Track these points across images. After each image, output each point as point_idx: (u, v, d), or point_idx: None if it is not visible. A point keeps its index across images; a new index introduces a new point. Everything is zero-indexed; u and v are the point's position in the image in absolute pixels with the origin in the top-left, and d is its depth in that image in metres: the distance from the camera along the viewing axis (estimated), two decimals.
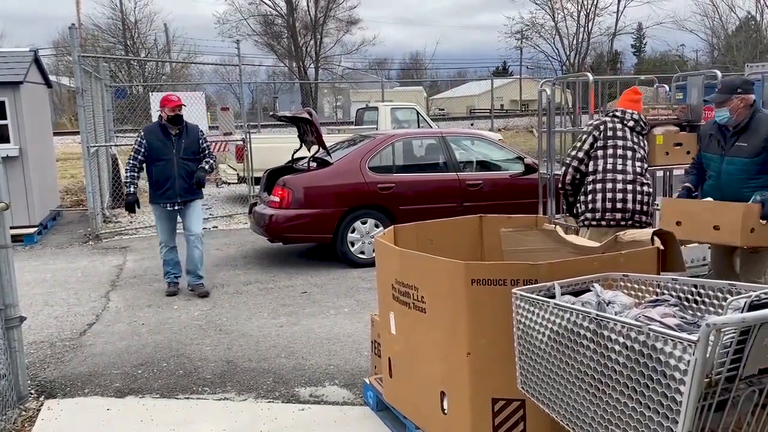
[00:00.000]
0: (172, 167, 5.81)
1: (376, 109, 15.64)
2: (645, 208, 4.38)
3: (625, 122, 4.46)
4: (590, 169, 4.44)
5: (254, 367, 4.34)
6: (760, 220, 3.70)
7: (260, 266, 7.15)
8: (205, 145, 6.05)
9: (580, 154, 4.48)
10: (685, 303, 2.27)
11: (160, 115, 5.98)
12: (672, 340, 1.73)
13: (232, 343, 4.79)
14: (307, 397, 3.85)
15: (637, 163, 4.40)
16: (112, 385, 4.14)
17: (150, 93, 14.26)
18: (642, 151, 4.49)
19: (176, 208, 5.94)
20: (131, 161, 5.89)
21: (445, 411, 2.87)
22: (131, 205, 6.01)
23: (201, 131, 6.10)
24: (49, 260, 7.74)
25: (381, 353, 3.46)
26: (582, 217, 4.50)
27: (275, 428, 3.45)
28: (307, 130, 7.30)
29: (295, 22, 38.68)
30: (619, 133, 4.41)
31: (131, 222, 10.12)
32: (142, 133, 5.98)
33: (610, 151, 4.39)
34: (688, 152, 5.34)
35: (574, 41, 38.33)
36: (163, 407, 3.80)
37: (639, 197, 4.35)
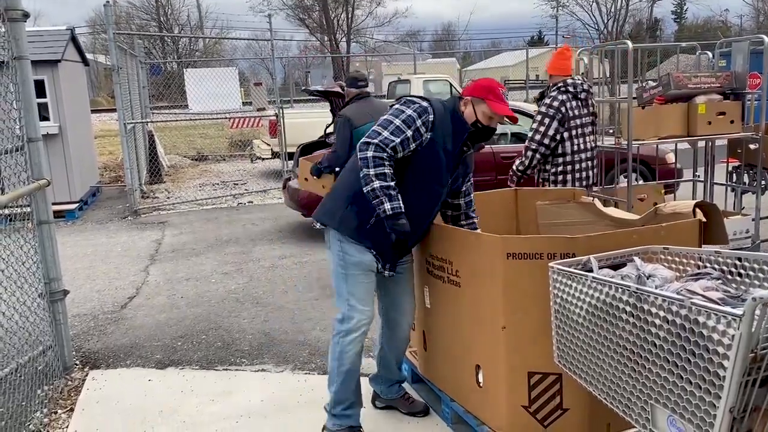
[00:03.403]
0: None
1: (408, 82, 15.55)
2: (596, 177, 4.88)
3: (579, 97, 4.57)
4: (558, 151, 4.56)
5: (290, 339, 4.41)
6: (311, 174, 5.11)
7: (295, 240, 7.22)
8: None
9: (546, 141, 4.52)
10: (729, 276, 2.21)
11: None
12: (716, 314, 1.69)
13: (268, 316, 4.87)
14: None
15: (590, 137, 4.71)
16: (153, 356, 4.24)
17: (184, 69, 14.39)
18: (591, 117, 4.72)
19: None
20: None
21: (480, 384, 2.88)
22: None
23: None
24: (90, 235, 7.94)
25: (415, 326, 3.47)
26: (551, 184, 4.73)
27: (312, 399, 3.51)
28: (340, 105, 7.28)
29: None
30: (576, 112, 4.55)
31: (168, 198, 10.30)
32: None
33: (573, 132, 4.56)
34: (732, 121, 5.20)
35: (612, 8, 37.30)
36: (202, 378, 3.89)
37: (595, 170, 4.82)
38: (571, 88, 4.52)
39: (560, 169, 4.58)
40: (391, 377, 3.30)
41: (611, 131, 6.70)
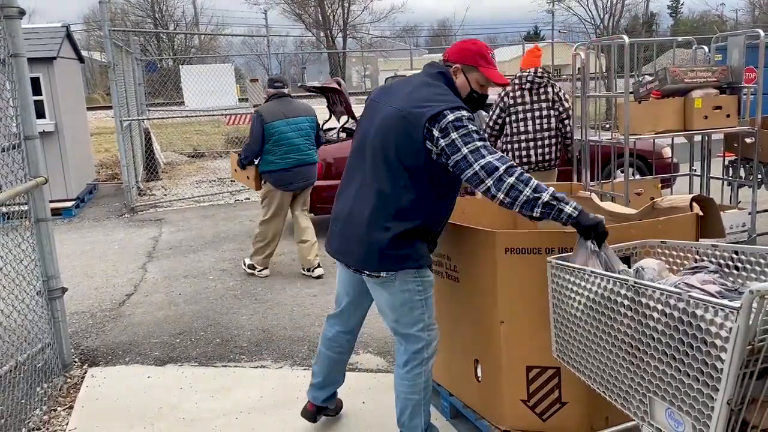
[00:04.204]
0: None
1: (404, 77, 15.50)
2: (547, 156, 5.29)
3: (523, 86, 5.19)
4: (505, 132, 5.32)
5: (289, 336, 4.41)
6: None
7: (291, 237, 7.20)
8: None
9: (490, 124, 5.35)
10: (726, 270, 2.23)
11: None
12: (713, 307, 1.70)
13: (267, 312, 4.87)
14: None
15: (536, 121, 5.22)
16: (152, 353, 4.25)
17: (180, 66, 14.35)
18: (543, 105, 5.22)
19: None
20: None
21: (479, 379, 2.89)
22: None
23: None
24: (87, 233, 7.93)
25: None
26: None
27: None
28: (336, 101, 7.27)
29: None
30: (519, 100, 5.20)
31: (165, 195, 10.29)
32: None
33: (513, 117, 5.23)
34: (728, 115, 5.21)
35: (608, 3, 37.24)
36: (201, 375, 3.90)
37: (540, 150, 5.25)
38: (517, 81, 5.20)
39: (503, 148, 5.35)
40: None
41: (608, 126, 6.70)
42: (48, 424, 3.38)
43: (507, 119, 5.27)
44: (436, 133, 2.44)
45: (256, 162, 5.64)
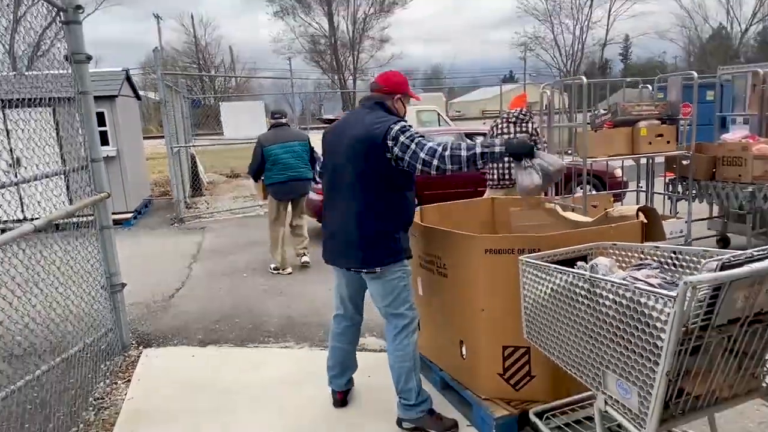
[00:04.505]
0: None
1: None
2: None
3: (510, 120, 5.49)
4: None
5: (309, 322, 4.41)
6: None
7: (313, 243, 7.21)
8: None
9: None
10: (665, 266, 2.23)
11: None
12: (655, 296, 1.71)
13: (290, 303, 4.87)
14: None
15: None
16: (196, 336, 4.25)
17: (220, 103, 14.42)
18: (523, 134, 5.48)
19: None
20: None
21: (464, 356, 2.89)
22: None
23: None
24: (143, 239, 7.94)
25: None
26: (488, 180, 5.69)
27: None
28: None
29: (337, 41, 38.58)
30: (505, 130, 5.51)
31: (207, 208, 10.30)
32: None
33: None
34: (668, 142, 5.22)
35: (570, 51, 37.45)
36: (237, 353, 3.90)
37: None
38: (505, 116, 5.57)
39: (491, 167, 5.63)
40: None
41: (570, 151, 6.71)
42: (110, 394, 3.38)
43: None
44: (390, 143, 2.57)
45: (263, 178, 5.80)
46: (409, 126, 2.64)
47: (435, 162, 2.51)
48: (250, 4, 73.89)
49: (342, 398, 3.15)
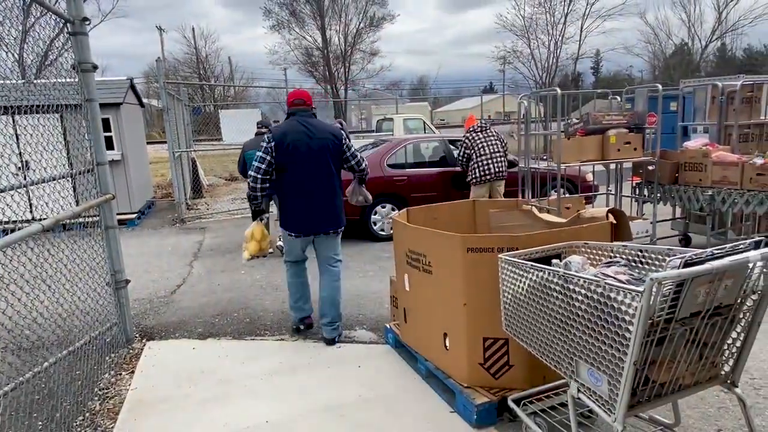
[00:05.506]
0: None
1: (392, 120, 15.54)
2: (500, 170, 6.31)
3: (476, 131, 6.44)
4: (472, 158, 6.37)
5: None
6: None
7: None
8: None
9: (461, 155, 6.52)
10: (633, 263, 2.25)
11: None
12: (623, 291, 1.73)
13: (285, 299, 4.84)
14: (342, 338, 3.89)
15: (492, 147, 6.32)
16: (196, 330, 4.21)
17: (219, 110, 14.31)
18: (491, 138, 6.38)
19: None
20: None
21: (447, 347, 2.89)
22: None
23: None
24: (146, 238, 7.86)
25: (398, 305, 3.48)
26: (472, 179, 6.36)
27: (319, 360, 3.50)
28: None
29: (329, 53, 38.47)
30: (477, 138, 6.38)
31: (207, 209, 10.23)
32: None
33: (477, 147, 6.35)
34: (635, 149, 5.27)
35: (546, 64, 37.68)
36: (235, 346, 3.87)
37: (495, 166, 6.29)
38: (473, 128, 6.47)
39: (473, 166, 6.34)
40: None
41: (545, 157, 6.76)
42: (115, 385, 3.34)
43: (473, 150, 6.36)
44: (345, 141, 3.60)
45: None
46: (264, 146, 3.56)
47: (364, 164, 3.76)
48: (248, 18, 73.50)
49: (311, 322, 3.96)
